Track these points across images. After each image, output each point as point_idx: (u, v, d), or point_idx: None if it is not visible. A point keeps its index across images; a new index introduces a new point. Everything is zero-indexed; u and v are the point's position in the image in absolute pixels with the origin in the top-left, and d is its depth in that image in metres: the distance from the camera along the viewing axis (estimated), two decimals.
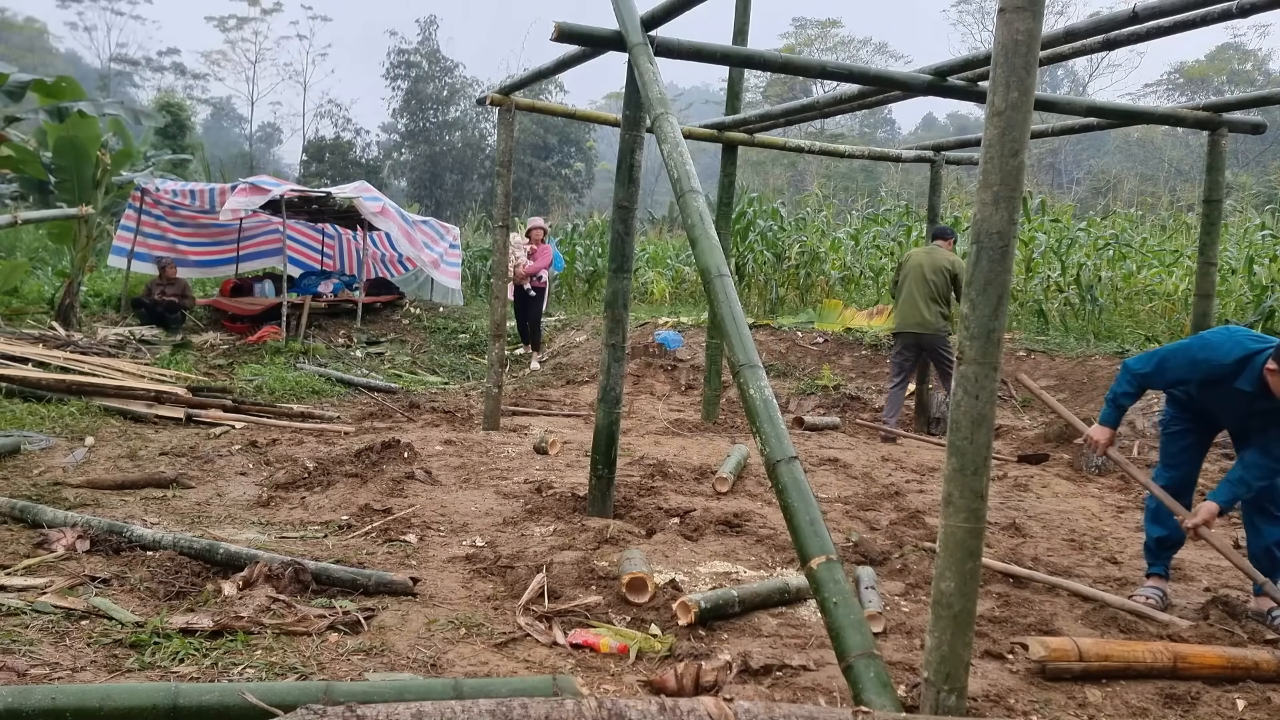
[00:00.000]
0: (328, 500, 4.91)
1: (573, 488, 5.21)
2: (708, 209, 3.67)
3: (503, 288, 7.58)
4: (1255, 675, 3.06)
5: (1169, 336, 10.04)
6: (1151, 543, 3.97)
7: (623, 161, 4.81)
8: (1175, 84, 41.83)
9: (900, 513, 5.15)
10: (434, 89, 37.69)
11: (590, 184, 38.90)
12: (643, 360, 10.55)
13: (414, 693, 2.37)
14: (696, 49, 4.73)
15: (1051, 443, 7.58)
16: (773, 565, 4.14)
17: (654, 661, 3.00)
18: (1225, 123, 6.25)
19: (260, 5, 51.61)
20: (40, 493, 4.63)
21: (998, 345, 2.35)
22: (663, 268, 16.65)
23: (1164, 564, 3.97)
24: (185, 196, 12.11)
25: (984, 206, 2.32)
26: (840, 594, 2.53)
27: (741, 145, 7.86)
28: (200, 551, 3.65)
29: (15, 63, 13.09)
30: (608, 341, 4.82)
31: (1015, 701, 2.85)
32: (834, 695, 2.78)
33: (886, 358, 10.52)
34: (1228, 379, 3.48)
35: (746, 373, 3.10)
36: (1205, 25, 4.65)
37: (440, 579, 3.71)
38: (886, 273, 13.67)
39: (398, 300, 14.46)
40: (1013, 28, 2.28)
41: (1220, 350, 3.51)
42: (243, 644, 2.91)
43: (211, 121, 54.42)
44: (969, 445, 2.34)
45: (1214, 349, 3.53)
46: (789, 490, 2.78)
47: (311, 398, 8.68)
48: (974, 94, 5.55)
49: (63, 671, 2.65)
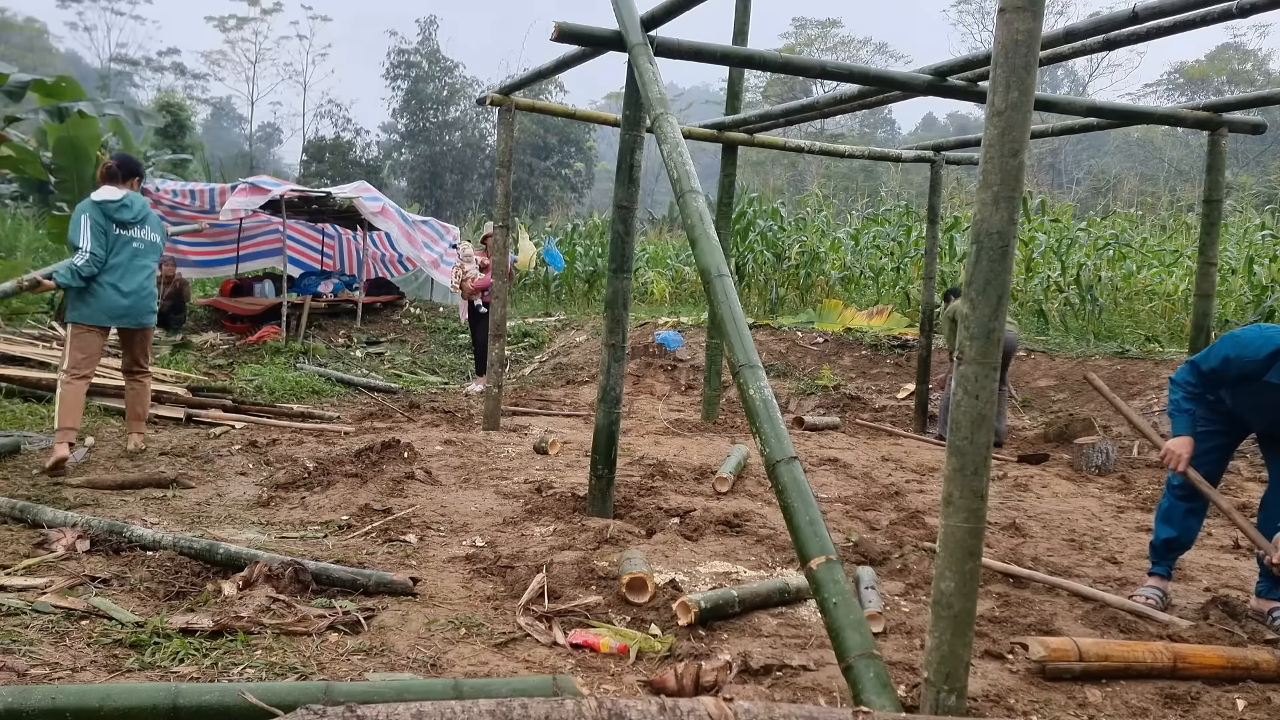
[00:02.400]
0: (328, 500, 4.91)
1: (573, 488, 5.21)
2: (708, 209, 3.67)
3: (503, 288, 7.58)
4: (1255, 675, 3.06)
5: (1169, 336, 10.05)
6: (1159, 543, 3.93)
7: (623, 161, 4.81)
8: (1175, 84, 41.85)
9: (900, 513, 5.15)
10: (434, 89, 37.72)
11: (590, 184, 38.92)
12: (643, 360, 10.55)
13: (414, 693, 2.37)
14: (696, 49, 4.73)
15: (1051, 443, 7.58)
16: (773, 565, 4.14)
17: (654, 661, 3.00)
18: (1225, 123, 6.25)
19: (260, 5, 51.67)
20: (40, 493, 4.63)
21: (998, 345, 2.35)
22: (663, 268, 16.65)
23: (1168, 565, 3.95)
24: (185, 196, 12.10)
25: (984, 206, 2.32)
26: (840, 594, 2.53)
27: (741, 145, 7.87)
28: (200, 551, 3.65)
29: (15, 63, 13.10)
30: (608, 341, 4.82)
31: (1015, 701, 2.85)
32: (834, 695, 2.78)
33: (886, 358, 10.53)
34: (1259, 374, 3.46)
35: (746, 373, 3.10)
36: (1205, 25, 4.65)
37: (440, 579, 3.71)
38: (886, 272, 13.68)
39: (398, 300, 14.46)
40: (1013, 28, 2.28)
41: (1251, 347, 3.48)
42: (243, 644, 2.91)
43: (211, 121, 54.46)
44: (969, 445, 2.34)
45: (1245, 345, 3.51)
46: (789, 490, 2.77)
47: (311, 398, 8.68)
48: (974, 94, 5.55)
49: (63, 671, 2.65)
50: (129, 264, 5.46)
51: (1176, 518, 3.85)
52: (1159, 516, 3.97)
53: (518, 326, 13.38)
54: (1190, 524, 3.90)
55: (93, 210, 5.33)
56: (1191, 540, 3.90)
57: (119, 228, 5.40)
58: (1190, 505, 3.87)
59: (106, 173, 5.53)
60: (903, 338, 10.73)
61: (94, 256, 5.27)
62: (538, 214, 30.03)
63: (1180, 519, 3.84)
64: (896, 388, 9.90)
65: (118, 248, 5.40)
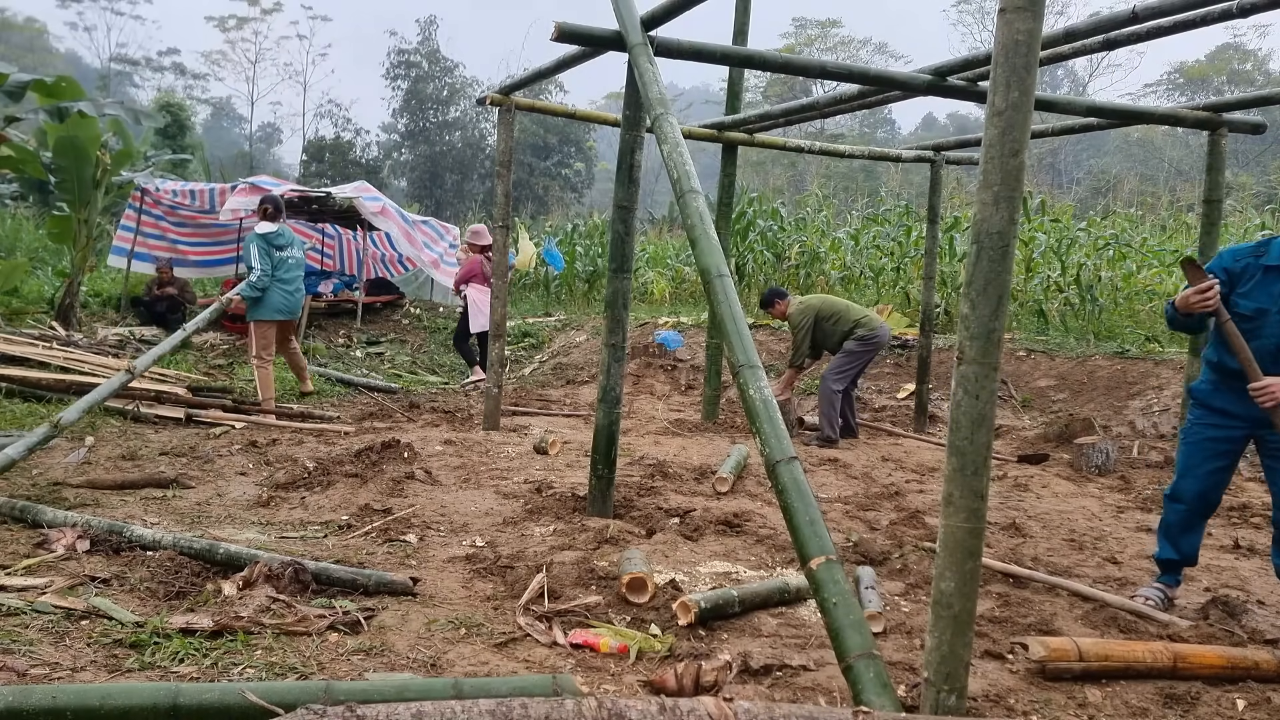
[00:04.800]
0: (328, 500, 4.91)
1: (573, 488, 5.21)
2: (708, 209, 3.66)
3: (503, 287, 7.58)
4: (1255, 675, 3.06)
5: (1169, 337, 10.04)
6: (1162, 559, 3.91)
7: (623, 161, 4.81)
8: (1175, 84, 41.85)
9: (900, 513, 5.15)
10: (434, 89, 37.71)
11: (590, 184, 38.90)
12: (643, 360, 10.55)
13: (414, 692, 2.37)
14: (696, 49, 4.73)
15: (1051, 443, 7.58)
16: (773, 565, 4.14)
17: (654, 661, 3.00)
18: (1225, 123, 6.25)
19: (260, 5, 51.65)
20: (40, 493, 4.63)
21: (998, 345, 2.35)
22: (663, 268, 16.65)
23: (1174, 576, 3.93)
24: (185, 196, 12.11)
25: (984, 206, 2.32)
26: (840, 594, 2.53)
27: (741, 145, 7.86)
28: (200, 551, 3.65)
29: (15, 63, 13.09)
30: (608, 341, 4.82)
31: (1015, 701, 2.85)
32: (834, 695, 2.78)
33: (886, 358, 10.53)
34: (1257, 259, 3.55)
35: (746, 373, 3.10)
36: (1205, 25, 4.64)
37: (440, 579, 3.71)
38: (886, 272, 13.68)
39: (398, 300, 14.46)
40: (1013, 28, 2.28)
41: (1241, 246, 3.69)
42: (243, 644, 2.91)
43: (211, 121, 54.46)
44: (969, 445, 2.34)
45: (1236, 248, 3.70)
46: (789, 490, 2.77)
47: (311, 398, 8.68)
48: (974, 94, 5.54)
49: (63, 671, 2.65)
50: (286, 275, 7.54)
51: (1177, 537, 3.82)
52: (1160, 532, 3.93)
53: (518, 326, 13.38)
54: (1190, 541, 3.85)
55: (259, 241, 7.35)
56: (1193, 555, 3.86)
57: (277, 250, 7.45)
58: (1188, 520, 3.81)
59: (264, 213, 7.58)
60: (903, 338, 10.73)
61: (263, 273, 7.30)
62: (538, 214, 30.04)
63: (1180, 537, 3.81)
64: (896, 388, 9.90)
65: (278, 265, 7.43)
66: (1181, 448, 3.85)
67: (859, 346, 7.45)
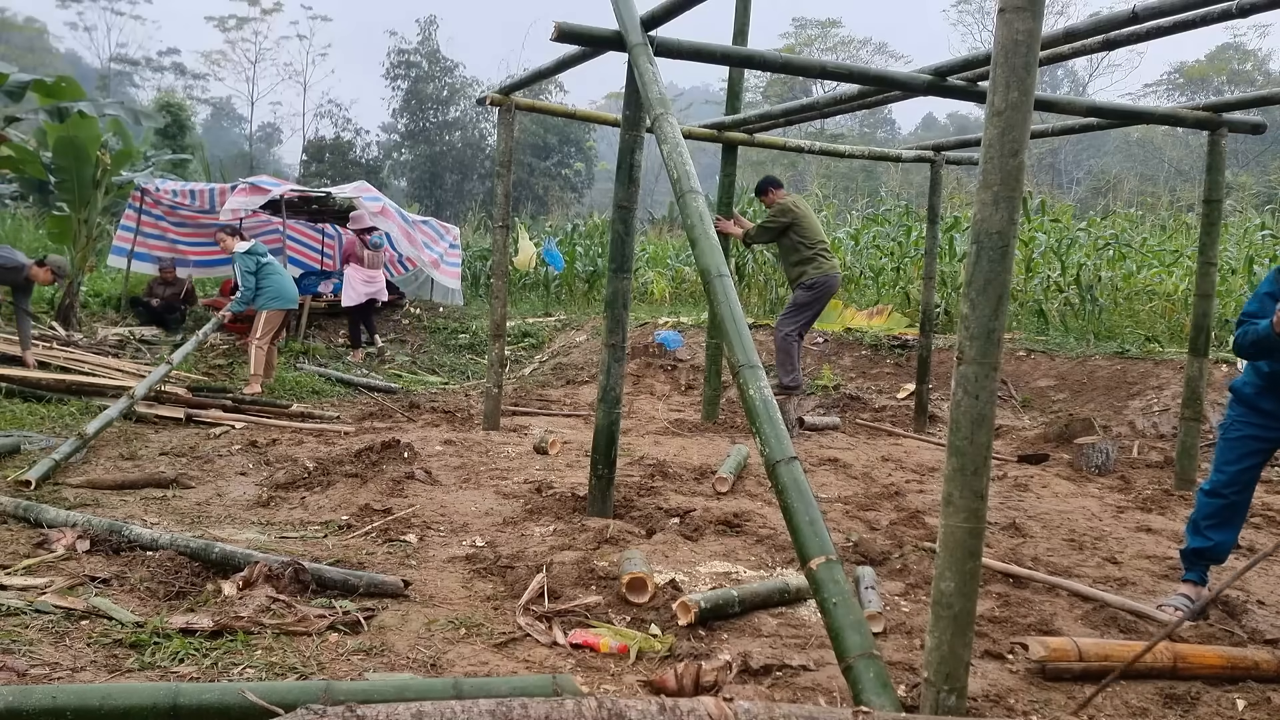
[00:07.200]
0: (328, 500, 4.91)
1: (573, 488, 5.21)
2: (708, 209, 3.67)
3: (503, 288, 7.58)
4: (1255, 675, 3.06)
5: (1169, 337, 10.05)
6: (1188, 550, 3.83)
7: (623, 161, 4.80)
8: (1175, 84, 41.85)
9: (900, 513, 5.15)
10: (434, 89, 37.68)
11: (590, 184, 38.88)
12: (643, 360, 10.55)
13: (414, 692, 2.37)
14: (696, 49, 4.73)
15: (1051, 443, 7.58)
16: (773, 565, 4.14)
17: (654, 661, 3.00)
18: (1225, 123, 6.25)
19: (260, 5, 51.60)
20: (40, 493, 4.63)
21: (998, 345, 2.35)
22: (663, 268, 16.65)
23: (1200, 571, 3.84)
24: (185, 196, 12.10)
25: (984, 206, 2.32)
26: (840, 594, 2.53)
27: (741, 145, 7.86)
28: (200, 551, 3.65)
29: (15, 63, 13.08)
30: (608, 341, 4.82)
31: (1015, 701, 2.85)
32: (834, 695, 2.78)
33: (886, 358, 10.54)
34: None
35: (746, 373, 3.10)
36: (1205, 25, 4.64)
37: (440, 579, 3.71)
38: (886, 272, 13.68)
39: (398, 300, 14.44)
40: (1013, 28, 2.28)
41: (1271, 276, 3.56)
42: (243, 644, 2.91)
43: (211, 121, 54.46)
44: (969, 445, 2.34)
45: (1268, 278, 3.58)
46: (789, 490, 2.77)
47: (311, 398, 8.68)
48: (974, 94, 5.54)
49: (63, 671, 2.65)
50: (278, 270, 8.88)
51: (1206, 528, 3.74)
52: (1188, 528, 3.85)
53: (518, 326, 13.37)
54: (1225, 537, 3.75)
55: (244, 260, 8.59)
56: (1224, 554, 3.77)
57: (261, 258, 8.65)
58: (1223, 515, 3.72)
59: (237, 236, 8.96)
60: (903, 338, 10.73)
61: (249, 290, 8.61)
62: (538, 214, 29.99)
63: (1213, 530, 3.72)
64: (896, 388, 9.90)
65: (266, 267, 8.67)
66: (1220, 444, 3.78)
67: (808, 296, 7.54)
